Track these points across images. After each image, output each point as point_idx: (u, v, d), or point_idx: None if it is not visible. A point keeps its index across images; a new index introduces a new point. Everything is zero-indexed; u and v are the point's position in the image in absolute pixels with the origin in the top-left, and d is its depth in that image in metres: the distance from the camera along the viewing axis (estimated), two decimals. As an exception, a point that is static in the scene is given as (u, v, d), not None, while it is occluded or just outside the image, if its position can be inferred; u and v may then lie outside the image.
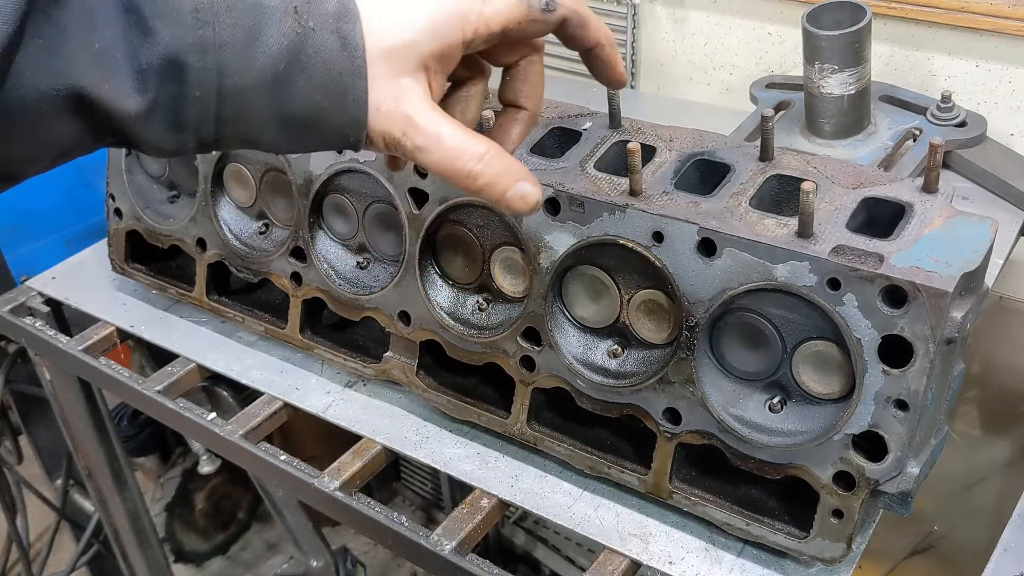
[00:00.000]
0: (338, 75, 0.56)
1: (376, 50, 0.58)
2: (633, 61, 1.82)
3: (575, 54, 0.69)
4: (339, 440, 1.13)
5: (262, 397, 1.19)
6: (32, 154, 0.54)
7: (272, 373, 1.21)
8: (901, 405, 0.79)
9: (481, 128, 0.70)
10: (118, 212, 1.31)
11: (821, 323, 0.82)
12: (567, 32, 0.65)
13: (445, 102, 0.67)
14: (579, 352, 0.97)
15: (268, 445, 1.14)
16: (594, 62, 0.69)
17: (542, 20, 0.63)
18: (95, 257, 1.46)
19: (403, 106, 0.59)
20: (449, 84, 0.67)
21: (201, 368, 1.25)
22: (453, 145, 0.60)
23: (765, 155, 0.90)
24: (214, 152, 0.60)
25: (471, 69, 0.67)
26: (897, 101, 1.40)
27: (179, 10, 0.53)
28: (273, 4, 0.55)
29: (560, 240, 0.92)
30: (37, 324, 1.38)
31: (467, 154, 0.60)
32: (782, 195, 0.89)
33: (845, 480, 0.84)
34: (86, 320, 1.36)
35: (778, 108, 1.43)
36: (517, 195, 0.63)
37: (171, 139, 0.56)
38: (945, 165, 1.35)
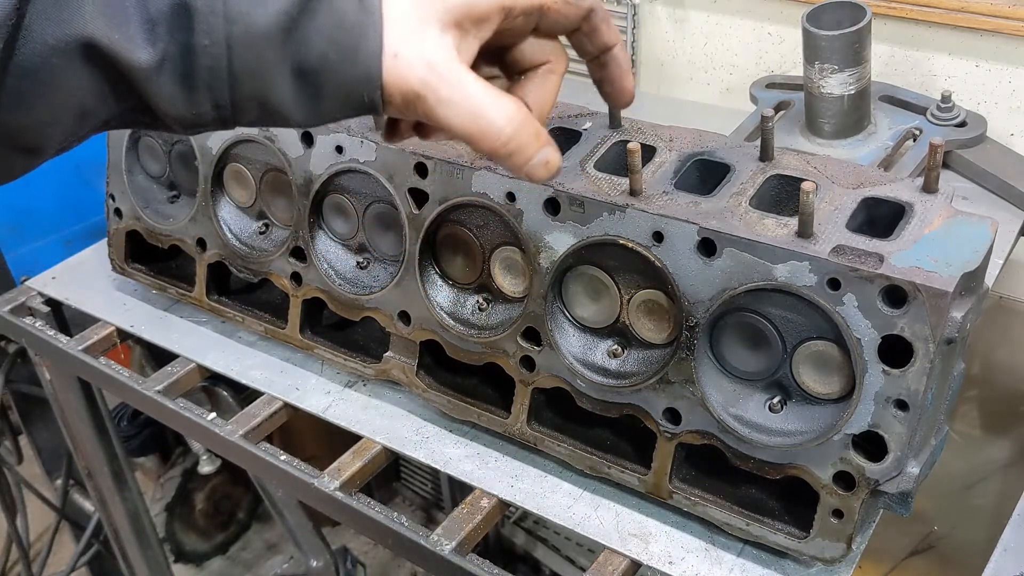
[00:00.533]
0: (350, 26, 0.54)
1: (398, 7, 0.55)
2: (633, 61, 1.82)
3: (575, 55, 0.68)
4: (339, 440, 1.13)
5: (262, 397, 1.19)
6: (51, 116, 0.53)
7: (272, 373, 1.21)
8: (901, 405, 0.79)
9: None
10: (118, 212, 1.31)
11: (821, 323, 0.82)
12: (590, 26, 0.63)
13: (515, 88, 0.64)
14: (579, 352, 0.97)
15: (268, 445, 1.14)
16: (605, 69, 0.67)
17: (574, 5, 0.62)
18: (95, 257, 1.46)
19: (425, 54, 0.55)
20: (519, 75, 0.64)
21: (201, 368, 1.25)
22: (480, 100, 0.56)
23: (765, 155, 0.90)
24: (234, 129, 0.57)
25: (544, 52, 0.64)
26: (897, 101, 1.40)
27: None
28: None
29: (560, 240, 0.92)
30: (37, 324, 1.38)
31: (496, 111, 0.57)
32: (782, 195, 0.89)
33: (845, 480, 0.84)
34: (86, 320, 1.36)
35: (778, 108, 1.43)
36: (542, 161, 0.60)
37: (185, 98, 0.54)
38: (945, 165, 1.35)
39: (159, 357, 1.61)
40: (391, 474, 2.66)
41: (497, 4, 0.58)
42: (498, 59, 0.65)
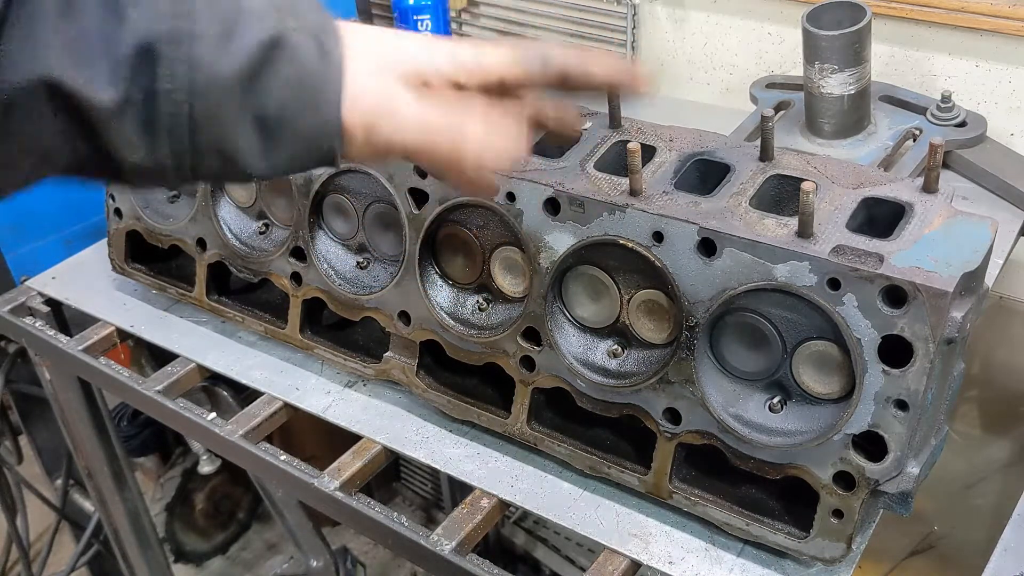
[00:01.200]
0: (311, 75, 0.55)
1: (360, 58, 0.57)
2: (633, 61, 1.82)
3: None
4: (339, 440, 1.13)
5: (262, 397, 1.19)
6: (10, 159, 0.52)
7: (272, 373, 1.21)
8: (901, 405, 0.79)
9: None
10: (118, 212, 1.31)
11: (821, 323, 0.82)
12: (572, 84, 0.64)
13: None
14: (579, 352, 0.97)
15: (268, 445, 1.14)
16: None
17: (540, 76, 0.63)
18: (95, 257, 1.46)
19: (386, 89, 0.58)
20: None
21: (201, 368, 1.25)
22: (438, 119, 0.59)
23: (765, 155, 0.90)
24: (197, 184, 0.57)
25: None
26: (897, 101, 1.40)
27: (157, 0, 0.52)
28: (255, 5, 0.55)
29: (560, 240, 0.92)
30: (37, 324, 1.38)
31: (451, 129, 0.59)
32: (782, 195, 0.89)
33: (845, 480, 0.84)
34: (86, 320, 1.36)
35: (778, 108, 1.43)
36: (484, 180, 0.63)
37: (145, 144, 0.54)
38: (945, 165, 1.35)
39: (159, 357, 1.61)
40: (391, 474, 2.66)
41: (446, 78, 0.60)
42: None
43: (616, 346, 0.96)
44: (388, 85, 0.58)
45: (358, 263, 1.13)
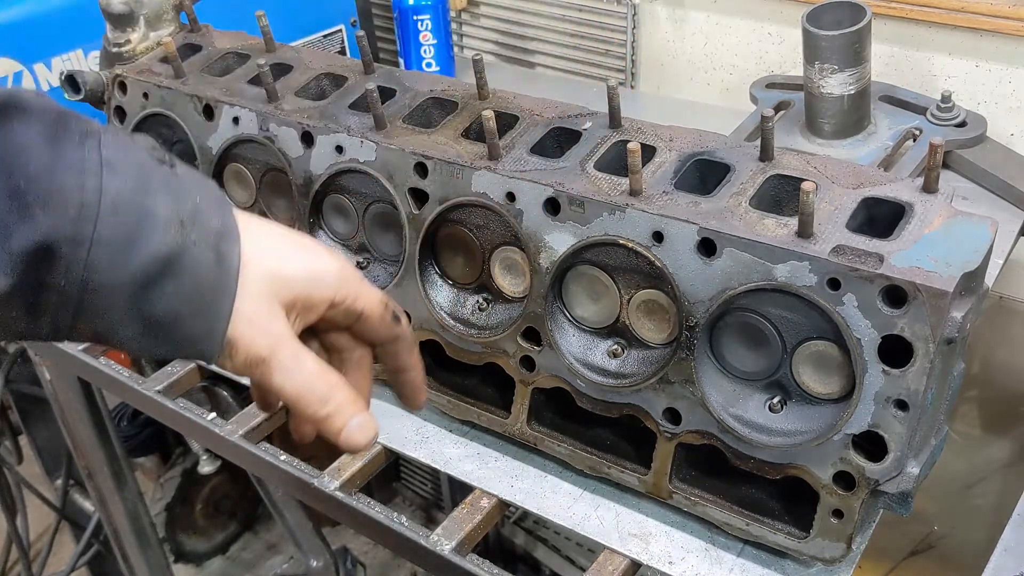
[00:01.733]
0: (207, 289, 0.57)
1: (253, 273, 0.60)
2: (633, 61, 1.82)
3: (575, 54, 0.70)
4: (339, 440, 1.13)
5: (262, 397, 1.19)
6: None
7: (272, 373, 1.21)
8: (901, 405, 0.79)
9: None
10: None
11: (821, 323, 0.82)
12: (393, 348, 0.71)
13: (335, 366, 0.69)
14: (579, 352, 0.97)
15: (268, 445, 1.14)
16: (399, 383, 0.74)
17: (388, 326, 0.69)
18: (95, 257, 1.45)
19: (273, 328, 0.61)
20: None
21: (201, 368, 1.25)
22: (311, 370, 0.63)
23: (765, 155, 0.90)
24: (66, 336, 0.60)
25: (357, 345, 0.71)
26: (897, 101, 1.40)
27: (65, 202, 0.52)
28: (161, 213, 0.55)
29: (560, 240, 0.92)
30: (37, 324, 1.37)
31: (320, 380, 0.63)
32: (782, 195, 0.89)
33: (845, 480, 0.84)
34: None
35: (778, 108, 1.43)
36: (357, 425, 0.65)
37: (25, 323, 0.54)
38: (945, 165, 1.35)
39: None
40: (391, 474, 2.66)
41: (327, 298, 0.65)
42: (315, 336, 0.70)
43: (616, 346, 0.96)
44: (276, 320, 0.61)
45: (358, 263, 1.13)
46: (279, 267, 0.62)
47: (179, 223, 0.56)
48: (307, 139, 1.07)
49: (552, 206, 0.91)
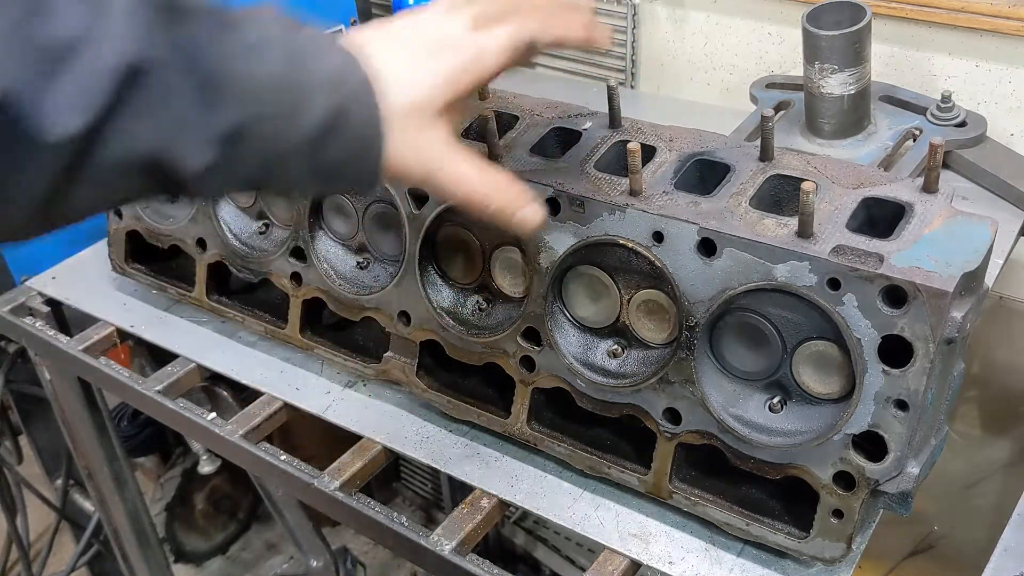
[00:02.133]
0: (361, 138, 0.64)
1: (399, 109, 0.65)
2: (633, 61, 1.82)
3: (575, 54, 0.72)
4: (339, 440, 1.13)
5: (262, 397, 1.19)
6: (92, 207, 0.59)
7: (272, 373, 1.21)
8: (901, 405, 0.79)
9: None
10: (118, 212, 1.31)
11: (821, 323, 0.82)
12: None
13: None
14: (579, 352, 0.97)
15: (268, 445, 1.14)
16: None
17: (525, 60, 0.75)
18: (95, 257, 1.45)
19: (431, 150, 0.68)
20: None
21: (201, 368, 1.25)
22: (471, 177, 0.70)
23: (765, 155, 0.90)
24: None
25: None
26: (897, 101, 1.40)
27: (245, 88, 0.59)
28: (315, 81, 0.62)
29: (560, 240, 0.92)
30: (37, 324, 1.38)
31: (483, 185, 0.71)
32: (782, 195, 0.89)
33: (845, 480, 0.84)
34: (86, 320, 1.36)
35: (778, 108, 1.43)
36: (528, 214, 0.73)
37: (220, 191, 0.64)
38: (945, 165, 1.35)
39: (159, 357, 1.61)
40: (391, 474, 2.66)
41: (469, 88, 0.70)
42: None
43: (616, 346, 0.96)
44: (427, 142, 0.68)
45: (358, 263, 1.13)
46: (419, 90, 0.67)
47: (328, 87, 0.62)
48: (307, 139, 1.07)
49: (552, 206, 0.91)
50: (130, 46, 0.53)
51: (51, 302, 1.41)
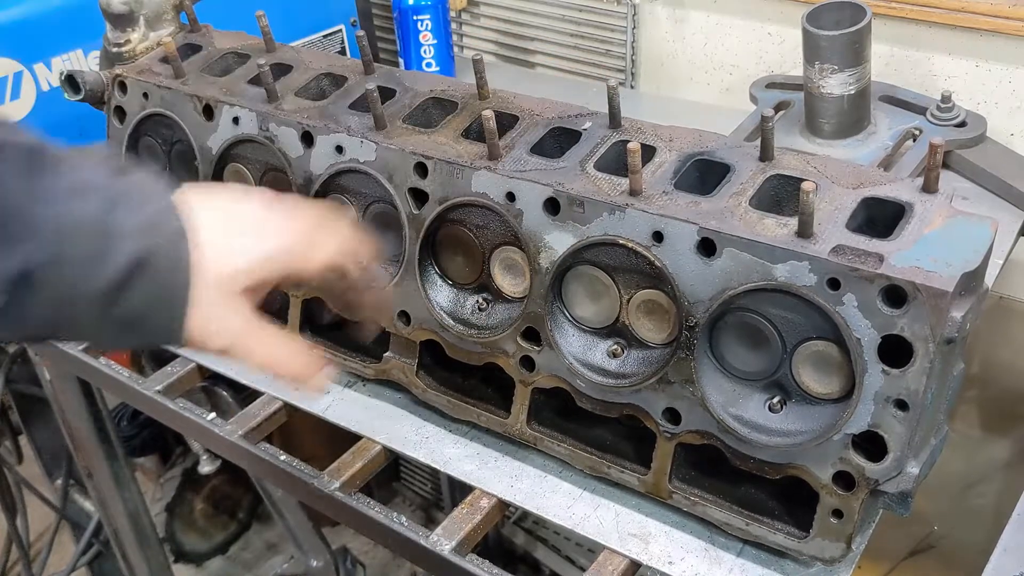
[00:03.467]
0: (166, 285, 0.65)
1: (205, 276, 0.67)
2: (633, 61, 1.82)
3: (575, 54, 0.71)
4: (339, 440, 1.13)
5: (262, 397, 1.19)
6: None
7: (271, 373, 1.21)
8: (901, 405, 0.79)
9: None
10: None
11: (821, 323, 0.82)
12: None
13: None
14: (579, 352, 0.97)
15: (268, 445, 1.14)
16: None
17: (337, 282, 0.82)
18: (95, 257, 1.45)
19: (230, 322, 0.71)
20: None
21: (201, 368, 1.25)
22: (269, 351, 0.75)
23: (765, 155, 0.90)
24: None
25: None
26: (897, 101, 1.40)
27: (41, 230, 0.59)
28: (126, 227, 0.62)
29: (560, 240, 0.92)
30: (37, 324, 1.37)
31: (278, 359, 0.76)
32: (782, 195, 0.89)
33: (845, 480, 0.84)
34: (86, 320, 1.36)
35: (778, 108, 1.43)
36: (312, 386, 0.79)
37: (6, 331, 0.61)
38: (945, 165, 1.35)
39: (159, 357, 1.61)
40: (391, 474, 2.66)
41: (277, 277, 0.74)
42: None
43: (616, 346, 0.96)
44: (232, 314, 0.71)
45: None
46: (228, 264, 0.69)
47: (140, 231, 0.62)
48: (307, 139, 1.07)
49: (552, 206, 0.91)
50: None
51: (51, 302, 1.41)
